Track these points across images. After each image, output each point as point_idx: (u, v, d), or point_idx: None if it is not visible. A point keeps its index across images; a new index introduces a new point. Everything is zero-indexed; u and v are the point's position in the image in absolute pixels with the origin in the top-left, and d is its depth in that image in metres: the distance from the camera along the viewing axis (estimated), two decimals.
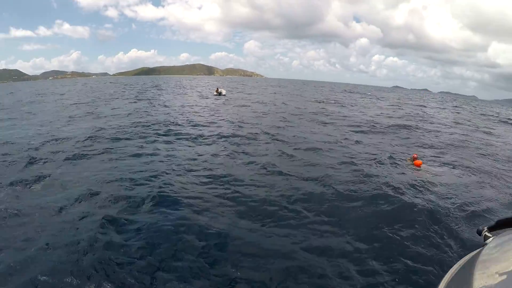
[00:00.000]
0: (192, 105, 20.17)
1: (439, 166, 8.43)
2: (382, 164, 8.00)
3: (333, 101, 28.90)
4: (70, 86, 49.78)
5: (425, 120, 19.12)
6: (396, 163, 8.15)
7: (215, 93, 29.29)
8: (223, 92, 30.44)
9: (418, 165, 7.93)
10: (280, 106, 21.97)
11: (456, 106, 40.95)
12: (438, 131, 14.83)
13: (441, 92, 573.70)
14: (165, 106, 19.31)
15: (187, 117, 14.41)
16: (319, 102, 26.93)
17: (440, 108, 34.11)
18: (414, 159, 8.23)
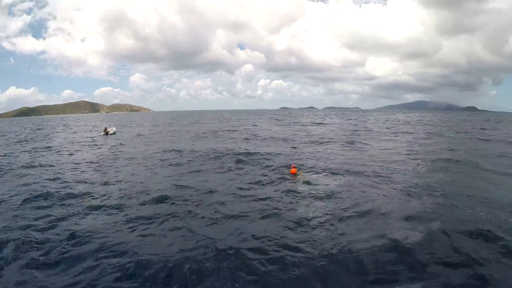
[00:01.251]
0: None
1: (314, 173, 9.82)
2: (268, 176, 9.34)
3: (227, 130, 28.54)
4: None
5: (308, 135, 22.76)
6: (278, 174, 9.61)
7: (102, 133, 26.64)
8: (113, 130, 28.12)
9: (293, 173, 9.43)
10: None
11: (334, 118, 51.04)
12: (317, 143, 17.65)
13: (326, 107, 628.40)
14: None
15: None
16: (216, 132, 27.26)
17: (318, 123, 40.94)
18: (292, 168, 9.67)
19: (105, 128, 27.71)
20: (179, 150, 14.96)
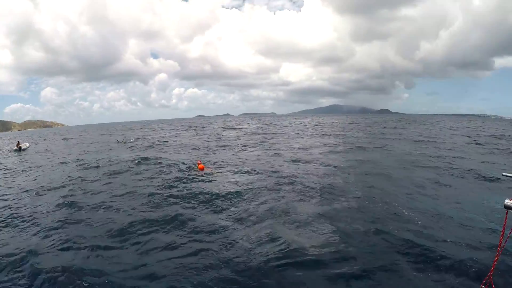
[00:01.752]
0: None
1: (218, 168, 11.83)
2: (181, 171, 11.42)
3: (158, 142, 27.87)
4: None
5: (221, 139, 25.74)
6: (190, 169, 11.63)
7: (15, 147, 26.36)
8: (26, 145, 28.07)
9: (202, 169, 11.22)
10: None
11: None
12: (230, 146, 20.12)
13: (242, 114, 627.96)
14: None
15: None
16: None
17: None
18: (199, 164, 11.61)
19: (18, 142, 27.39)
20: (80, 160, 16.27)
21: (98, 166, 14.01)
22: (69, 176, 11.91)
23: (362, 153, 15.67)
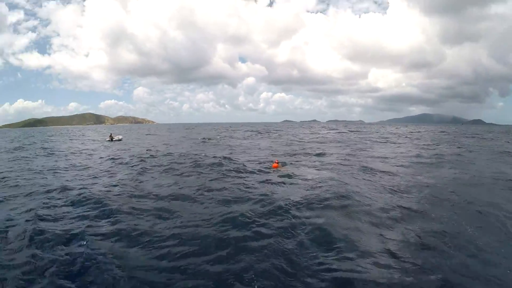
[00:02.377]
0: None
1: (296, 167, 11.76)
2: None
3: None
4: None
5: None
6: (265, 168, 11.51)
7: (107, 138, 29.34)
8: (119, 137, 30.99)
9: (275, 167, 11.47)
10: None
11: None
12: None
13: (329, 121, 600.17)
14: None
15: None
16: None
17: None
18: (275, 162, 11.87)
19: (111, 134, 30.46)
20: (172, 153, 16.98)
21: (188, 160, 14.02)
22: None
23: None
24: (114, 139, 28.81)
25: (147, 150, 19.33)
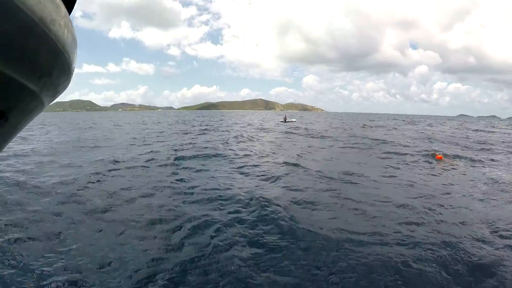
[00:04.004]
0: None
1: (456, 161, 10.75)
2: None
3: None
4: (155, 117, 57.43)
5: None
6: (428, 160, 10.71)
7: (281, 120, 31.25)
8: (294, 120, 32.37)
9: (440, 158, 10.89)
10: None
11: None
12: None
13: (510, 117, 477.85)
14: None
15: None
16: None
17: None
18: (436, 155, 11.26)
19: (285, 116, 32.43)
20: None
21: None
22: None
23: None
24: (287, 121, 30.00)
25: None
